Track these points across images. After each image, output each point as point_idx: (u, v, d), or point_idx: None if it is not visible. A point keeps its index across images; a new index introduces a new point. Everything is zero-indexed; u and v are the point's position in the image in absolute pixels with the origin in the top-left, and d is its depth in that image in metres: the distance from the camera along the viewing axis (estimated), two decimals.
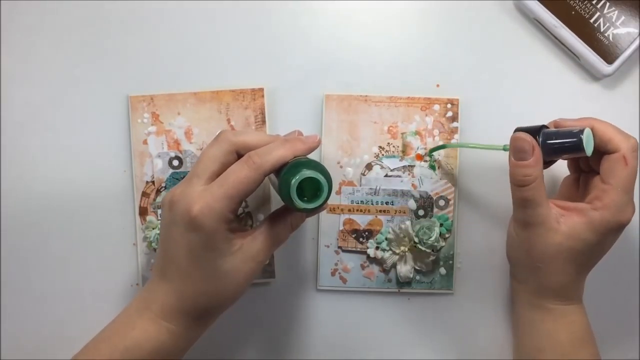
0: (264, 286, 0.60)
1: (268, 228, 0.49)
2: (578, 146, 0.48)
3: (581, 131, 0.48)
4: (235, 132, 0.50)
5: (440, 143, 0.59)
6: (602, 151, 0.50)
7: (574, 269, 0.51)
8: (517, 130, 0.50)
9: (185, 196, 0.47)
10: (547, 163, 0.51)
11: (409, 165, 0.59)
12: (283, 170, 0.46)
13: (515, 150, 0.49)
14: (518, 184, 0.49)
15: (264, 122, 0.59)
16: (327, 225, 0.59)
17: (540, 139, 0.49)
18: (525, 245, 0.51)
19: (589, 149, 0.48)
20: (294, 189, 0.45)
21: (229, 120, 0.59)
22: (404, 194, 0.59)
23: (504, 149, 0.51)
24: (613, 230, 0.49)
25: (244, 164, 0.47)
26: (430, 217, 0.59)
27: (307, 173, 0.45)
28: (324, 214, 0.59)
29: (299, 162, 0.47)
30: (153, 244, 0.57)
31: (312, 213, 0.49)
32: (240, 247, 0.48)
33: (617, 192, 0.49)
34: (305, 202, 0.46)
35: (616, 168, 0.49)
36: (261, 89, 0.59)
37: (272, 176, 0.49)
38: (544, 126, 0.50)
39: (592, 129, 0.49)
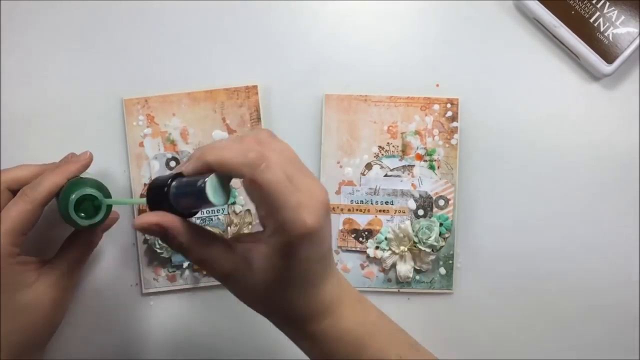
0: None
1: (65, 252, 0.51)
2: (204, 199, 0.39)
3: (204, 181, 0.39)
4: (4, 170, 0.51)
5: (440, 142, 0.59)
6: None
7: (297, 290, 0.43)
8: (151, 184, 0.43)
9: None
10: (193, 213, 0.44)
11: (408, 165, 0.59)
12: (60, 194, 0.49)
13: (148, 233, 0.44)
14: (179, 253, 0.43)
15: (259, 119, 0.59)
16: None
17: (172, 194, 0.41)
18: (239, 294, 0.45)
19: (218, 198, 0.40)
20: (72, 207, 0.47)
21: (224, 119, 0.59)
22: (404, 193, 0.59)
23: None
24: (295, 245, 0.41)
25: (18, 200, 0.48)
26: (430, 217, 0.59)
27: (83, 191, 0.48)
28: None
29: (74, 183, 0.49)
30: (153, 247, 0.57)
31: (97, 229, 0.52)
32: (38, 278, 0.49)
33: (270, 216, 0.41)
34: (85, 218, 0.48)
35: (253, 194, 0.41)
36: (255, 87, 0.59)
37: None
38: (176, 176, 0.42)
39: (216, 169, 0.40)
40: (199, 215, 0.58)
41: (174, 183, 0.41)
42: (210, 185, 0.39)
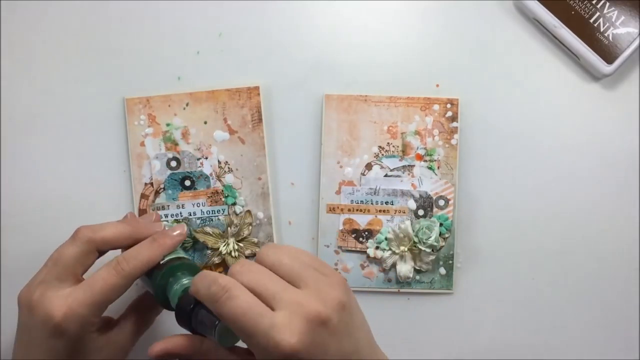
0: None
1: (135, 316, 0.50)
2: (212, 335, 0.44)
3: (217, 324, 0.43)
4: (93, 227, 0.49)
5: (440, 142, 0.59)
6: None
7: None
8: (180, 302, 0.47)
9: (45, 300, 0.45)
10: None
11: (408, 165, 0.59)
12: (156, 274, 0.48)
13: None
14: None
15: (260, 120, 0.59)
16: (327, 225, 0.59)
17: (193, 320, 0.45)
18: None
19: (224, 340, 0.44)
20: (175, 300, 0.46)
21: (225, 120, 0.59)
22: (404, 193, 0.59)
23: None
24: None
25: (112, 270, 0.46)
26: (430, 217, 0.59)
27: (185, 283, 0.47)
28: (323, 214, 0.59)
29: (173, 267, 0.48)
30: None
31: None
32: (107, 343, 0.48)
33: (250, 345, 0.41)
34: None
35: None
36: (257, 87, 0.59)
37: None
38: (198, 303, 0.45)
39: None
40: (199, 215, 0.58)
41: (201, 311, 0.44)
42: (220, 329, 0.43)
